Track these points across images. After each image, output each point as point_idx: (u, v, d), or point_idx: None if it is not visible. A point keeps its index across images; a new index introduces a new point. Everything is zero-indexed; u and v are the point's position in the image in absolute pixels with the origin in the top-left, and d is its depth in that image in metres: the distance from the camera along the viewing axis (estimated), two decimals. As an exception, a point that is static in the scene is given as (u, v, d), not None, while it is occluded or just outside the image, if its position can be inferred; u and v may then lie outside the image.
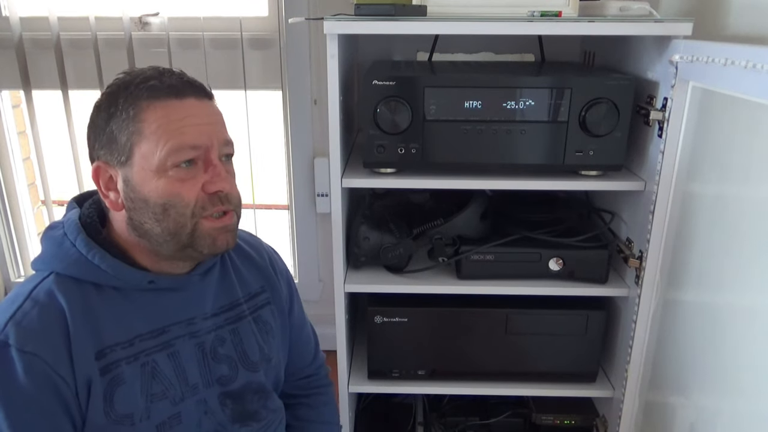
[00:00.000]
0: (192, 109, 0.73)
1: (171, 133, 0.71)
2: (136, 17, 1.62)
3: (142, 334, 0.76)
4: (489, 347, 1.21)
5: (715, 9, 1.06)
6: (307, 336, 1.02)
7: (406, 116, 1.03)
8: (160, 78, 0.73)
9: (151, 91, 0.71)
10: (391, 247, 1.15)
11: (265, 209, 2.30)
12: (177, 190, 0.72)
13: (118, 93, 0.72)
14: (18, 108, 1.83)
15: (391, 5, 1.00)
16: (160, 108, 0.71)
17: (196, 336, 0.80)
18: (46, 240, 0.76)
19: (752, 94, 0.77)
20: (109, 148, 0.72)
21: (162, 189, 0.72)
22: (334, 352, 1.21)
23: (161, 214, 0.72)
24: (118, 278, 0.74)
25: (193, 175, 0.73)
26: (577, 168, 1.08)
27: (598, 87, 1.02)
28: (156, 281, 0.77)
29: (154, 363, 0.76)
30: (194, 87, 0.75)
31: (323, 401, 1.04)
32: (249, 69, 1.66)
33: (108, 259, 0.73)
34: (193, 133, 0.72)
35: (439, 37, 1.38)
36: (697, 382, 0.93)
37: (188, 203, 0.73)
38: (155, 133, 0.71)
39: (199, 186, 0.74)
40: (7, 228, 1.84)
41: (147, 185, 0.72)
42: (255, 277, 0.91)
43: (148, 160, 0.71)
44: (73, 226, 0.75)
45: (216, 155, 0.75)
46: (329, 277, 1.23)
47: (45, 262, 0.75)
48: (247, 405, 0.85)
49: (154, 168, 0.71)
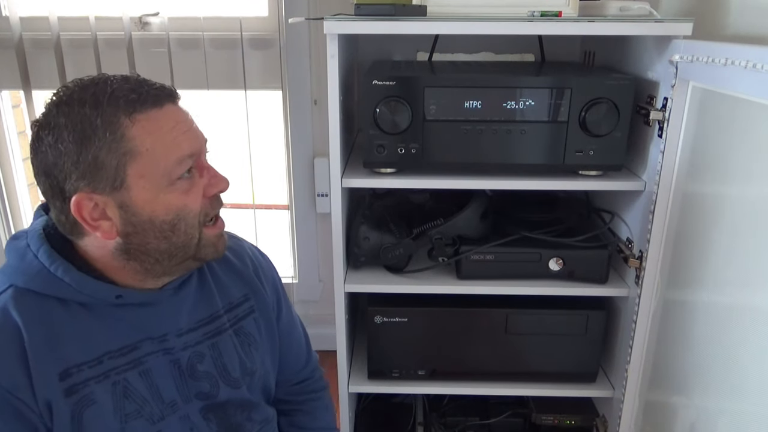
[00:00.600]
0: (175, 117, 0.70)
1: (168, 146, 0.68)
2: (136, 17, 1.62)
3: (111, 351, 0.71)
4: (489, 347, 1.21)
5: (715, 9, 1.06)
6: (298, 340, 0.99)
7: (406, 116, 1.03)
8: (131, 88, 0.67)
9: (130, 105, 0.66)
10: (391, 247, 1.15)
11: (265, 209, 2.30)
12: (183, 201, 0.70)
13: (86, 112, 0.64)
14: (18, 108, 1.83)
15: (391, 5, 1.00)
16: (145, 122, 0.66)
17: (170, 353, 0.76)
18: (8, 251, 0.71)
19: (752, 94, 0.77)
20: (94, 176, 0.65)
21: (168, 205, 0.69)
22: (334, 352, 1.21)
23: (170, 230, 0.70)
24: (83, 293, 0.69)
25: (194, 183, 0.71)
26: (577, 168, 1.08)
27: (598, 87, 1.02)
28: (124, 296, 0.72)
29: (125, 381, 0.72)
30: (166, 92, 0.71)
31: (320, 406, 1.02)
32: (249, 69, 1.66)
33: (72, 272, 0.68)
34: (186, 141, 0.70)
35: (439, 37, 1.38)
36: (698, 382, 0.93)
37: (196, 213, 0.71)
38: (152, 150, 0.67)
39: (200, 193, 0.72)
40: (7, 228, 1.84)
41: (150, 205, 0.68)
42: (236, 285, 0.86)
43: (147, 179, 0.67)
44: (35, 236, 0.70)
45: (204, 157, 0.74)
46: (329, 277, 1.23)
47: (6, 275, 0.70)
48: (231, 418, 0.82)
49: (156, 185, 0.68)
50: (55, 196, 0.68)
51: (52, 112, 0.66)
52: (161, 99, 0.69)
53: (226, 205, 0.78)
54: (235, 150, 1.77)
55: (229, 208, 2.06)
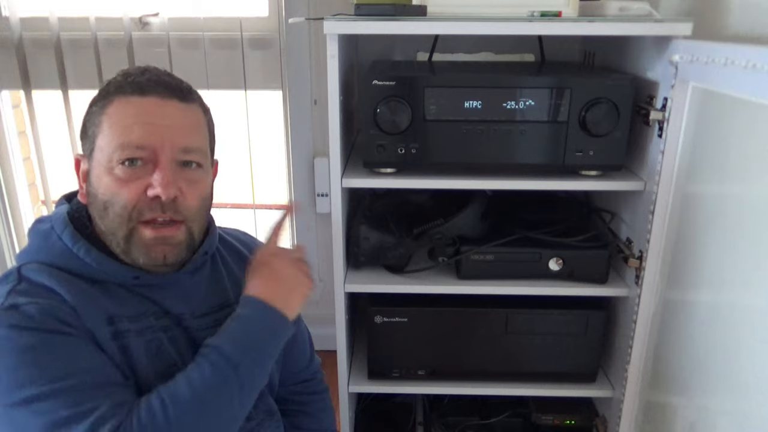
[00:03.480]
0: (149, 108, 0.71)
1: (121, 130, 0.70)
2: (136, 17, 1.62)
3: (145, 312, 0.75)
4: (489, 347, 1.21)
5: (715, 9, 1.06)
6: (303, 339, 1.01)
7: (406, 116, 1.03)
8: (136, 75, 0.73)
9: (119, 86, 0.72)
10: (391, 247, 1.15)
11: (265, 209, 2.30)
12: (117, 189, 0.70)
13: (105, 87, 0.74)
14: (18, 108, 1.83)
15: (391, 5, 1.00)
16: (122, 104, 0.71)
17: (188, 331, 0.79)
18: (33, 233, 0.75)
19: (752, 94, 0.77)
20: (84, 139, 0.74)
21: (105, 186, 0.71)
22: (334, 352, 1.21)
23: (102, 210, 0.72)
24: (103, 272, 0.72)
25: (139, 177, 0.71)
26: (577, 168, 1.08)
27: (598, 87, 1.02)
28: (141, 277, 0.75)
29: (159, 341, 0.74)
30: (165, 86, 0.73)
31: (321, 407, 1.03)
32: (249, 69, 1.66)
33: (93, 252, 0.72)
34: (142, 132, 0.70)
35: (439, 37, 1.38)
36: (698, 382, 0.93)
37: (125, 205, 0.70)
38: (109, 128, 0.71)
39: (142, 188, 0.71)
40: (7, 228, 1.84)
41: (97, 180, 0.72)
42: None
43: (102, 154, 0.71)
44: (60, 219, 0.74)
45: (167, 159, 0.71)
46: (329, 277, 1.23)
47: (30, 254, 0.73)
48: None
49: (103, 163, 0.71)
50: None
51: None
52: (148, 89, 0.72)
53: (227, 205, 0.79)
54: (235, 150, 1.76)
55: (230, 208, 2.06)
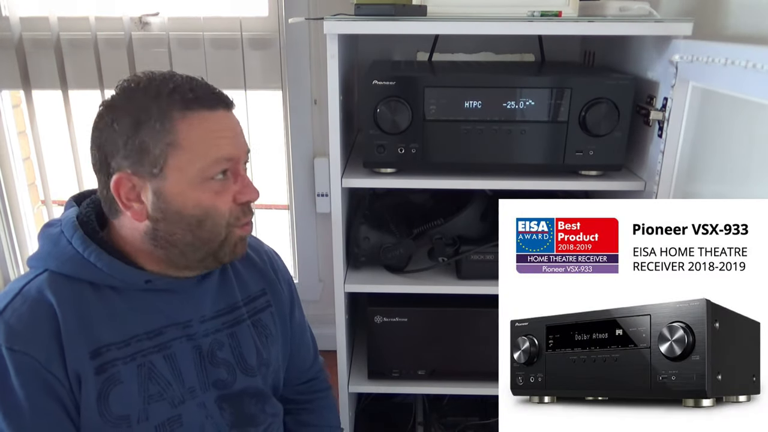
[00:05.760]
0: (224, 122, 0.74)
1: (209, 146, 0.72)
2: (136, 17, 1.62)
3: (138, 334, 0.75)
4: (489, 347, 1.21)
5: (715, 9, 1.06)
6: (307, 340, 1.02)
7: (406, 116, 1.03)
8: (191, 88, 0.72)
9: (185, 103, 0.71)
10: (391, 247, 1.15)
11: (265, 209, 2.30)
12: (213, 202, 0.73)
13: (146, 101, 0.70)
14: (18, 108, 1.83)
15: (391, 5, 1.00)
16: (195, 120, 0.71)
17: (193, 339, 0.79)
18: (42, 237, 0.76)
19: (752, 94, 0.77)
20: (138, 158, 0.70)
21: (196, 201, 0.72)
22: (334, 352, 1.21)
23: (196, 225, 0.73)
24: (114, 276, 0.73)
25: (226, 187, 0.75)
26: (577, 168, 1.08)
27: (598, 87, 1.02)
28: (153, 281, 0.76)
29: (150, 364, 0.75)
30: (222, 98, 0.75)
31: (325, 405, 1.04)
32: (249, 69, 1.66)
33: (104, 257, 0.73)
34: (228, 145, 0.74)
35: (439, 37, 1.38)
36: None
37: (223, 214, 0.75)
38: (193, 146, 0.71)
39: (230, 197, 0.75)
40: (7, 228, 1.84)
41: (181, 197, 0.72)
42: (255, 279, 0.90)
43: (183, 172, 0.71)
44: (70, 224, 0.74)
45: (242, 166, 0.77)
46: (329, 277, 1.23)
47: (40, 260, 0.74)
48: (245, 409, 0.85)
49: (190, 180, 0.72)
50: (101, 170, 0.73)
51: (118, 95, 0.72)
52: (215, 103, 0.73)
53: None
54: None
55: (229, 208, 2.06)
